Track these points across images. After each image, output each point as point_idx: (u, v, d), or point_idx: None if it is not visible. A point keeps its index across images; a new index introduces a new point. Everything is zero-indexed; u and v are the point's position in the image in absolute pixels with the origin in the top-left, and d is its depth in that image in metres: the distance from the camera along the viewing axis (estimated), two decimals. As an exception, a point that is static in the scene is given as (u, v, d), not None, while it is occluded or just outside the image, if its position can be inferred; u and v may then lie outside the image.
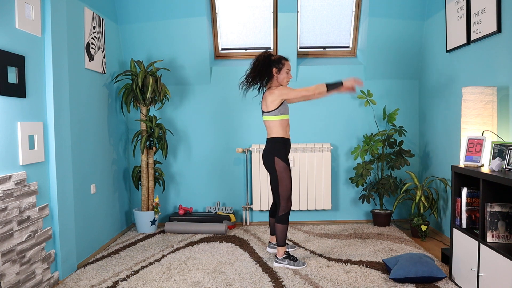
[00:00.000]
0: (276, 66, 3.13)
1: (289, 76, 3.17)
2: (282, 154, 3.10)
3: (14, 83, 2.46)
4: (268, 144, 3.15)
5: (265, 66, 3.12)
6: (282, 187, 3.10)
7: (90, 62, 3.48)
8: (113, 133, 4.02)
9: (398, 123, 4.44)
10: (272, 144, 3.12)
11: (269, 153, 3.12)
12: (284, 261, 3.12)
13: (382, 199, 4.27)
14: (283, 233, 3.13)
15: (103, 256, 3.39)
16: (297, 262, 3.12)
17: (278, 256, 3.15)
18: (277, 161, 3.08)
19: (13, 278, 2.38)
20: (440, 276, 2.74)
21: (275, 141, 3.12)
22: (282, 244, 3.14)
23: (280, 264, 3.13)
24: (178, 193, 4.51)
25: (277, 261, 3.14)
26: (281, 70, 3.13)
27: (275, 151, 3.09)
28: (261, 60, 3.14)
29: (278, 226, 3.12)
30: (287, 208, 3.10)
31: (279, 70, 3.13)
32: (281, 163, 3.08)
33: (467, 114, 2.88)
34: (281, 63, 3.14)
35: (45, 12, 2.79)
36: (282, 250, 3.14)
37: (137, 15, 4.14)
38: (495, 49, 3.01)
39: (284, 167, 3.09)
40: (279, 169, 3.08)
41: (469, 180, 2.78)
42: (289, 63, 3.18)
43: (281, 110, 3.10)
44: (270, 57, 3.16)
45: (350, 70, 4.43)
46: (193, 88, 4.45)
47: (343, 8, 4.38)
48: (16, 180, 2.43)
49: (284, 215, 3.10)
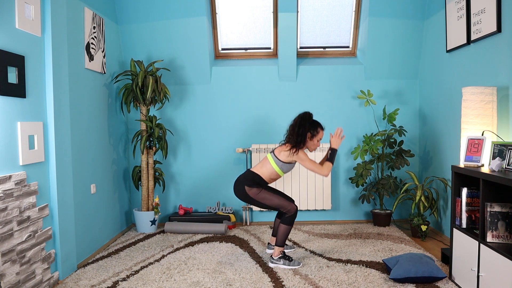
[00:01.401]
0: (312, 131, 3.15)
1: (317, 144, 3.21)
2: (253, 185, 3.14)
3: (14, 83, 2.46)
4: (246, 173, 3.22)
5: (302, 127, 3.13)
6: (271, 203, 3.14)
7: (90, 62, 3.48)
8: (113, 133, 4.02)
9: (398, 123, 4.44)
10: (248, 176, 3.18)
11: (240, 182, 3.17)
12: (279, 261, 3.12)
13: (382, 199, 4.27)
14: (285, 234, 3.13)
15: (103, 256, 3.39)
16: (293, 262, 3.12)
17: (273, 256, 3.15)
18: (248, 189, 3.13)
19: (13, 278, 2.38)
20: (440, 276, 2.74)
21: (253, 176, 3.17)
22: (281, 244, 3.14)
23: (275, 264, 3.13)
24: (178, 193, 4.51)
25: (272, 261, 3.14)
26: (314, 137, 3.17)
27: (246, 182, 3.15)
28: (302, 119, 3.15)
29: (282, 226, 3.13)
30: (293, 210, 3.12)
31: (312, 137, 3.16)
32: (252, 189, 3.13)
33: (467, 114, 2.88)
34: (316, 131, 3.17)
35: (45, 12, 2.79)
36: (278, 250, 3.15)
37: (137, 15, 4.14)
38: (495, 49, 3.01)
39: (256, 191, 3.13)
40: (253, 194, 3.13)
41: (469, 180, 2.78)
42: (323, 133, 3.22)
43: (284, 167, 3.18)
44: (310, 117, 3.18)
45: (350, 70, 4.44)
46: (193, 88, 4.45)
47: (343, 8, 4.38)
48: (16, 180, 2.43)
49: (290, 217, 3.12)
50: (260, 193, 3.13)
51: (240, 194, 3.18)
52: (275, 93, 4.45)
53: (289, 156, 3.12)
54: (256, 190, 3.13)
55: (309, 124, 3.15)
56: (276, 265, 3.13)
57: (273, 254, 3.16)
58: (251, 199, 3.15)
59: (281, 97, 4.43)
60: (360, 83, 4.44)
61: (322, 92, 4.45)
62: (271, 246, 3.44)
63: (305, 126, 3.12)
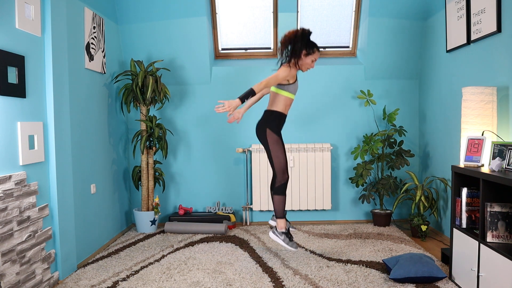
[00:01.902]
0: (307, 49, 3.07)
1: (311, 65, 3.14)
2: (275, 127, 3.12)
3: (14, 83, 2.46)
4: (265, 115, 3.19)
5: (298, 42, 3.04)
6: (275, 159, 3.12)
7: (90, 62, 3.48)
8: (113, 133, 4.03)
9: (398, 123, 4.44)
10: (268, 116, 3.16)
11: (262, 124, 3.16)
12: (281, 236, 3.12)
13: (382, 199, 4.27)
14: (280, 204, 3.13)
15: (103, 256, 3.39)
16: (291, 243, 3.13)
17: (278, 228, 3.14)
18: (269, 133, 3.11)
19: (13, 278, 2.38)
20: (440, 276, 2.74)
21: (272, 114, 3.15)
22: (281, 215, 3.14)
23: (276, 237, 3.13)
24: (178, 193, 4.51)
25: (275, 232, 3.14)
26: (308, 56, 3.10)
27: (268, 123, 3.13)
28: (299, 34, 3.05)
29: (275, 197, 3.13)
30: (283, 179, 3.12)
31: (307, 55, 3.09)
32: (273, 135, 3.11)
33: (467, 114, 2.88)
34: (312, 50, 3.09)
35: (45, 12, 2.79)
36: (281, 222, 3.14)
37: (137, 15, 4.14)
38: (495, 49, 3.01)
39: (276, 140, 3.11)
40: (271, 140, 3.11)
41: (469, 180, 2.78)
42: (318, 54, 3.14)
43: (290, 88, 3.13)
44: (308, 35, 3.08)
45: (350, 70, 4.44)
46: (193, 88, 4.45)
47: (343, 8, 4.38)
48: (16, 180, 2.43)
49: (280, 186, 3.11)
50: (277, 144, 3.10)
51: (260, 136, 3.16)
52: (275, 93, 4.44)
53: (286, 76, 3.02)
54: (276, 138, 3.10)
55: (306, 41, 3.06)
56: (275, 237, 3.13)
57: (278, 225, 3.14)
58: (267, 143, 3.12)
59: (281, 97, 4.43)
60: (360, 83, 4.44)
61: (322, 92, 4.45)
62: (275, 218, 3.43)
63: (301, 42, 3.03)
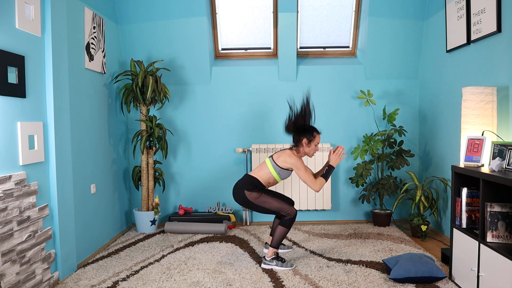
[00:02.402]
0: (308, 137, 3.14)
1: (316, 148, 3.19)
2: (252, 189, 3.13)
3: (14, 83, 2.46)
4: (243, 179, 3.21)
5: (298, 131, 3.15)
6: (271, 206, 3.12)
7: (90, 62, 3.48)
8: (113, 133, 4.02)
9: (398, 123, 4.44)
10: (247, 181, 3.17)
11: (239, 188, 3.16)
12: (272, 262, 3.11)
13: (382, 199, 4.27)
14: (282, 236, 3.12)
15: (103, 256, 3.39)
16: (285, 263, 3.11)
17: (266, 257, 3.14)
18: (248, 194, 3.12)
19: (13, 278, 2.38)
20: (440, 276, 2.74)
21: (252, 180, 3.16)
22: (276, 246, 3.13)
23: (268, 265, 3.11)
24: (178, 193, 4.51)
25: (265, 262, 3.13)
26: (311, 142, 3.15)
27: (245, 186, 3.14)
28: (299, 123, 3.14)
29: (280, 228, 3.11)
30: (292, 213, 3.10)
31: (309, 142, 3.15)
32: (252, 194, 3.12)
33: (467, 114, 2.88)
34: (312, 135, 3.15)
35: (45, 12, 2.79)
36: (272, 251, 3.14)
37: (137, 15, 4.14)
38: (495, 49, 3.01)
39: (257, 194, 3.13)
40: (253, 198, 3.12)
41: (469, 180, 2.78)
42: (319, 137, 3.20)
43: (282, 173, 3.17)
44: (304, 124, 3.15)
45: (350, 70, 4.44)
46: (193, 88, 4.45)
47: (343, 8, 4.38)
48: (16, 180, 2.43)
49: (290, 220, 3.10)
50: (260, 197, 3.12)
51: (240, 199, 3.17)
52: (275, 93, 4.45)
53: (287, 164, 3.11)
54: (256, 194, 3.12)
55: (303, 130, 3.14)
56: (269, 266, 3.11)
57: (267, 255, 3.14)
58: (251, 203, 3.14)
59: (281, 97, 4.43)
60: (360, 83, 4.44)
61: (322, 92, 4.45)
62: (268, 246, 3.43)
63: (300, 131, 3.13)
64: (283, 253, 3.43)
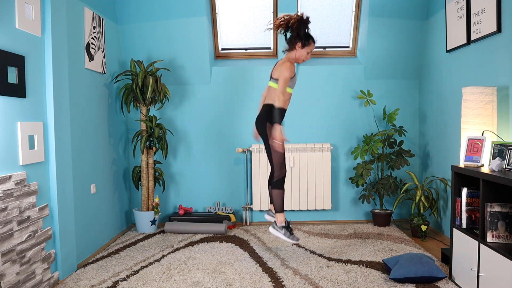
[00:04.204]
0: (302, 41, 3.11)
1: (307, 57, 3.17)
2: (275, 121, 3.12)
3: (14, 83, 2.47)
4: (264, 109, 3.19)
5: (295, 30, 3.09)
6: (275, 153, 3.12)
7: (90, 62, 3.48)
8: (113, 133, 4.02)
9: (398, 123, 4.44)
10: (268, 111, 3.15)
11: (262, 117, 3.16)
12: (281, 230, 3.11)
13: (382, 199, 4.27)
14: (279, 198, 3.12)
15: (103, 256, 3.39)
16: (292, 236, 3.13)
17: (278, 222, 3.13)
18: (269, 127, 3.11)
19: (13, 278, 2.38)
20: (440, 276, 2.74)
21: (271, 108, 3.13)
22: (280, 210, 3.13)
23: (277, 231, 3.12)
24: (178, 193, 4.51)
25: (275, 227, 3.13)
26: (304, 47, 3.13)
27: (268, 117, 3.13)
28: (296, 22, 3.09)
29: (274, 191, 3.12)
30: (281, 174, 3.11)
31: (303, 46, 3.13)
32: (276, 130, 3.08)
33: (467, 114, 2.88)
34: (307, 42, 3.13)
35: (45, 12, 2.79)
36: (281, 217, 3.13)
37: (137, 15, 4.14)
38: (495, 49, 3.01)
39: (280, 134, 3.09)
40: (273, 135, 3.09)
41: (469, 180, 2.78)
42: (313, 45, 3.18)
43: (289, 83, 3.13)
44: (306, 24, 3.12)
45: (350, 70, 4.44)
46: (193, 88, 4.45)
47: (343, 8, 4.38)
48: (16, 180, 2.43)
49: (278, 181, 3.11)
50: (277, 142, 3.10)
51: (261, 130, 3.17)
52: (275, 93, 4.44)
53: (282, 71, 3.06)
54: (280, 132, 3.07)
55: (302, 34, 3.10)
56: (276, 233, 3.12)
57: (277, 220, 3.14)
58: (266, 136, 3.12)
59: (281, 97, 4.43)
60: (360, 83, 4.44)
61: (322, 92, 4.45)
62: (271, 213, 3.43)
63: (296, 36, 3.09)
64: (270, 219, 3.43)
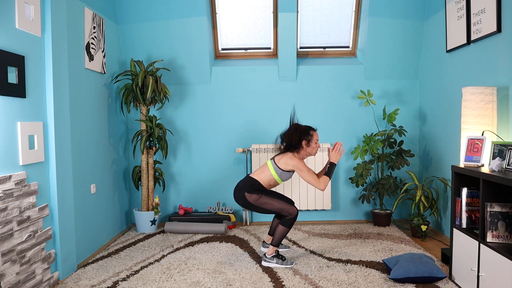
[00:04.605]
0: (305, 138, 3.16)
1: (318, 145, 3.22)
2: (253, 191, 3.14)
3: (14, 83, 2.46)
4: (245, 180, 3.22)
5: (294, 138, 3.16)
6: (272, 207, 3.13)
7: (90, 62, 3.48)
8: (113, 133, 4.02)
9: (398, 123, 4.44)
10: (248, 182, 3.18)
11: (240, 189, 3.18)
12: (272, 260, 3.13)
13: (382, 199, 4.27)
14: (282, 235, 3.14)
15: (103, 256, 3.39)
16: (286, 261, 3.13)
17: (267, 255, 3.16)
18: (248, 196, 3.13)
19: (13, 278, 2.38)
20: (440, 276, 2.74)
21: (253, 182, 3.17)
22: (277, 244, 3.15)
23: (269, 262, 3.13)
24: (178, 193, 4.51)
25: (266, 259, 3.15)
26: (310, 142, 3.18)
27: (246, 188, 3.15)
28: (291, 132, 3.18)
29: (281, 227, 3.13)
30: (294, 213, 3.11)
31: (309, 142, 3.17)
32: (252, 196, 3.13)
33: (467, 114, 2.88)
34: (309, 134, 3.18)
35: (45, 12, 2.79)
36: (273, 249, 3.16)
37: (137, 15, 4.14)
38: (495, 49, 3.01)
39: (257, 196, 3.13)
40: (253, 200, 3.13)
41: (469, 180, 2.78)
42: (317, 133, 3.24)
43: (283, 175, 3.18)
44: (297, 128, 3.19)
45: (350, 70, 4.44)
46: (193, 88, 4.45)
47: (343, 8, 4.38)
48: (16, 180, 2.43)
49: (291, 219, 3.12)
50: (260, 198, 3.13)
51: (240, 201, 3.18)
52: (275, 93, 4.45)
53: (288, 166, 3.12)
54: (256, 196, 3.13)
55: (299, 133, 3.16)
56: (269, 263, 3.13)
57: (267, 252, 3.17)
58: (251, 205, 3.15)
59: (281, 97, 4.43)
60: (360, 83, 4.44)
61: (322, 92, 4.45)
62: (266, 245, 3.46)
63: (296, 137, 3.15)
64: (281, 252, 3.44)
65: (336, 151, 3.20)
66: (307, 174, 3.11)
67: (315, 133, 3.21)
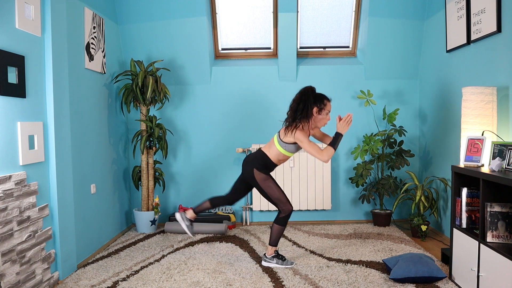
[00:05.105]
0: (318, 105, 3.02)
1: (328, 118, 3.08)
2: (263, 169, 3.09)
3: (14, 83, 2.46)
4: (255, 154, 3.14)
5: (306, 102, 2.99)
6: (272, 193, 3.09)
7: (90, 62, 3.48)
8: (113, 133, 4.02)
9: (398, 123, 4.43)
10: (258, 158, 3.10)
11: (249, 162, 3.10)
12: (272, 260, 3.13)
13: (382, 199, 4.27)
14: (278, 234, 3.13)
15: (103, 256, 3.39)
16: (286, 261, 3.13)
17: (267, 255, 3.15)
18: (256, 173, 3.07)
19: (13, 278, 2.38)
20: (440, 276, 2.74)
21: (263, 158, 3.10)
22: (274, 244, 3.14)
23: (269, 263, 3.13)
24: (178, 193, 4.51)
25: (266, 259, 3.15)
26: (322, 111, 3.05)
27: (255, 164, 3.08)
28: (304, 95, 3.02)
29: (275, 226, 3.12)
30: (288, 210, 3.10)
31: (320, 111, 3.04)
32: (260, 174, 3.07)
33: (467, 114, 2.88)
34: (323, 103, 3.03)
35: (45, 12, 2.79)
36: (272, 249, 3.15)
37: (137, 15, 4.14)
38: (495, 49, 3.01)
39: (265, 177, 3.08)
40: (260, 179, 3.07)
41: (469, 180, 2.78)
42: (330, 104, 3.08)
43: (289, 147, 3.05)
44: (313, 91, 3.04)
45: (350, 70, 4.44)
46: (193, 88, 4.45)
47: (343, 8, 4.37)
48: (16, 180, 2.43)
49: (284, 218, 3.10)
50: (266, 180, 3.07)
51: (247, 174, 3.10)
52: (275, 93, 4.45)
53: (289, 136, 2.99)
54: (265, 176, 3.07)
55: (313, 98, 3.00)
56: (269, 264, 3.13)
57: (267, 252, 3.16)
58: (256, 183, 3.08)
59: (281, 97, 4.43)
60: (360, 83, 4.44)
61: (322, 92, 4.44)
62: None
63: (308, 101, 2.98)
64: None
65: (345, 121, 2.99)
66: (308, 145, 2.95)
67: (329, 103, 3.06)
